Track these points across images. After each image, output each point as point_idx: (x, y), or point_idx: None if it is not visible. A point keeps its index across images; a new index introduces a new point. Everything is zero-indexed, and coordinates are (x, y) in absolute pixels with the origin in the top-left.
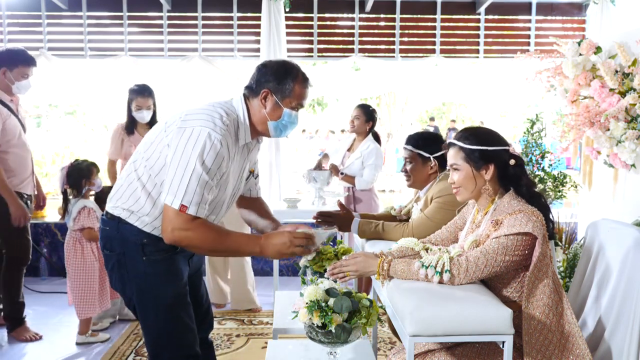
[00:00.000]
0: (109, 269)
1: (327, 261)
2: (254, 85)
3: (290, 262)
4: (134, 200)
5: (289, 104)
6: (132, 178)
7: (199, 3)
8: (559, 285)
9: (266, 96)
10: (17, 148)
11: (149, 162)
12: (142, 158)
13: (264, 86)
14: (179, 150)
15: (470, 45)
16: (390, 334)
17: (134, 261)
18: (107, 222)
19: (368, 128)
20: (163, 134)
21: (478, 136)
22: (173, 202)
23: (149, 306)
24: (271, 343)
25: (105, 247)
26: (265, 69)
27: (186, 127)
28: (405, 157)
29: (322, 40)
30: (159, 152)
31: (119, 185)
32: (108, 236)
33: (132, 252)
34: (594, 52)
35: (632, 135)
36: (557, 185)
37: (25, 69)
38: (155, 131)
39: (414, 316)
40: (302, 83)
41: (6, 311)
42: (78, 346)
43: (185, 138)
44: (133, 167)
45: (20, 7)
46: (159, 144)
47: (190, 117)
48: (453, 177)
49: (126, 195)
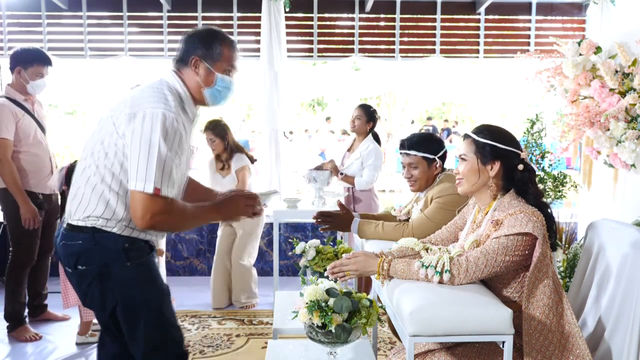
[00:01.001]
0: (83, 287)
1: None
2: (183, 55)
3: (290, 262)
4: (104, 206)
5: (221, 68)
6: (93, 183)
7: (199, 3)
8: (559, 286)
9: (196, 63)
10: (33, 147)
11: (107, 161)
12: (96, 159)
13: (193, 54)
14: (136, 135)
15: (470, 45)
16: (390, 334)
17: (118, 270)
18: (77, 236)
19: (368, 128)
20: (112, 128)
21: (492, 132)
22: (145, 187)
23: (139, 314)
24: (271, 343)
25: (79, 263)
26: (191, 38)
27: (137, 112)
28: (408, 163)
29: (322, 40)
30: (113, 146)
31: (80, 194)
32: (82, 250)
33: (114, 261)
34: (594, 52)
35: (632, 135)
36: (557, 185)
37: (40, 68)
38: (101, 129)
39: (414, 316)
40: (230, 45)
41: (7, 310)
42: (78, 346)
43: (139, 122)
44: (90, 172)
45: (20, 7)
46: (110, 138)
47: (138, 102)
48: (459, 167)
49: (93, 203)
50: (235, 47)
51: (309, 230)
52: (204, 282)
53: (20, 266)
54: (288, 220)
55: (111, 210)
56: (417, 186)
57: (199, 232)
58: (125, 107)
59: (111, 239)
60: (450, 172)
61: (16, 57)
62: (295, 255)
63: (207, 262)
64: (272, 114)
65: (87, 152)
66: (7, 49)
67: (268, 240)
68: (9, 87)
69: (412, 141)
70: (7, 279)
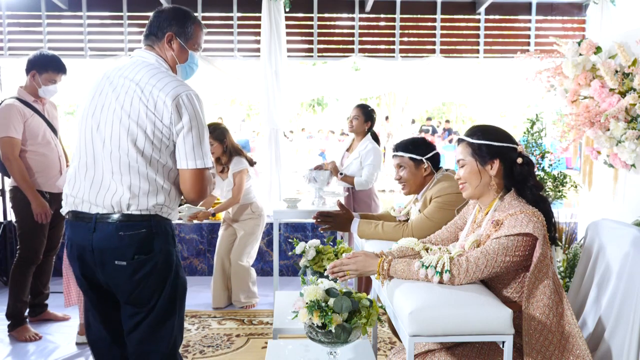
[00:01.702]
0: (137, 277)
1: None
2: (155, 31)
3: (290, 262)
4: (160, 193)
5: (192, 47)
6: (144, 172)
7: (199, 3)
8: (559, 286)
9: (171, 39)
10: (42, 147)
11: (154, 148)
12: (136, 146)
13: (167, 30)
14: (185, 120)
15: (470, 45)
16: (390, 334)
17: (171, 255)
18: (139, 225)
19: (367, 128)
20: (152, 116)
21: (485, 132)
22: (205, 162)
23: (176, 301)
24: (271, 343)
25: (139, 252)
26: (163, 14)
27: (178, 97)
28: (397, 164)
29: (322, 40)
30: (159, 134)
31: (137, 187)
32: (145, 238)
33: (170, 246)
34: (594, 52)
35: (632, 135)
36: (557, 185)
37: (53, 75)
38: (119, 118)
39: (414, 316)
40: (200, 25)
41: (10, 308)
42: (78, 346)
43: (185, 107)
44: (130, 160)
45: (20, 7)
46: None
47: (167, 87)
48: (459, 172)
49: (152, 192)
50: (203, 27)
51: (309, 230)
52: (204, 282)
53: (27, 264)
54: (288, 220)
55: (165, 195)
56: (408, 188)
57: (199, 232)
58: (151, 93)
59: (167, 224)
60: (448, 172)
61: (33, 61)
62: (295, 255)
63: (207, 262)
64: (272, 114)
65: (110, 140)
66: (7, 49)
67: (268, 240)
68: (21, 88)
69: (401, 143)
70: (12, 277)
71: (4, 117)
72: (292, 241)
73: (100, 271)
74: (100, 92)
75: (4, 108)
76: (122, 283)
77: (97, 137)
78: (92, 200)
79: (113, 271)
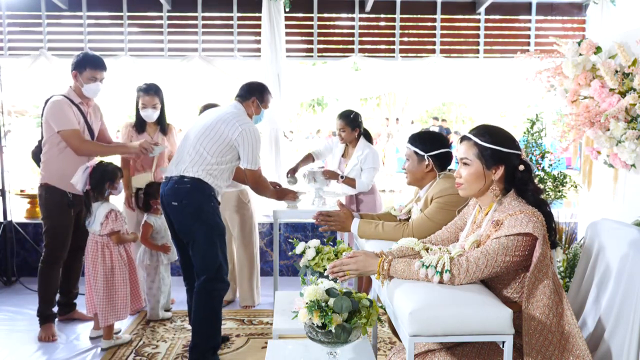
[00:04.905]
0: (180, 218)
1: (327, 261)
2: (245, 94)
3: (290, 262)
4: (206, 171)
5: (265, 107)
6: (208, 160)
7: (199, 3)
8: (559, 286)
9: (254, 102)
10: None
11: (217, 152)
12: (209, 151)
13: (253, 96)
14: (247, 139)
15: (470, 45)
16: (390, 334)
17: (207, 206)
18: (187, 181)
19: (356, 134)
20: (225, 136)
21: (494, 135)
22: (256, 166)
23: (213, 237)
24: (271, 343)
25: (184, 199)
26: (252, 86)
27: (242, 128)
28: (405, 154)
29: (322, 40)
30: (225, 145)
31: (195, 161)
32: (189, 190)
33: (207, 201)
34: (594, 52)
35: (632, 135)
36: (557, 185)
37: (93, 72)
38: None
39: (414, 316)
40: (270, 94)
41: (38, 307)
42: (80, 346)
43: (247, 132)
44: (204, 152)
45: (20, 7)
46: (221, 140)
47: (239, 121)
48: (460, 170)
49: (217, 175)
50: (270, 96)
51: (309, 230)
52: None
53: (53, 262)
54: (288, 220)
55: (218, 177)
56: (409, 179)
57: None
58: (227, 125)
59: (208, 188)
60: (450, 172)
61: (74, 61)
62: (295, 255)
63: None
64: (272, 114)
65: (198, 146)
66: (7, 49)
67: (268, 240)
68: (70, 89)
69: (413, 135)
70: (39, 275)
71: (60, 110)
72: (292, 241)
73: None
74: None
75: (56, 103)
76: (174, 218)
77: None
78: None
79: (172, 209)
